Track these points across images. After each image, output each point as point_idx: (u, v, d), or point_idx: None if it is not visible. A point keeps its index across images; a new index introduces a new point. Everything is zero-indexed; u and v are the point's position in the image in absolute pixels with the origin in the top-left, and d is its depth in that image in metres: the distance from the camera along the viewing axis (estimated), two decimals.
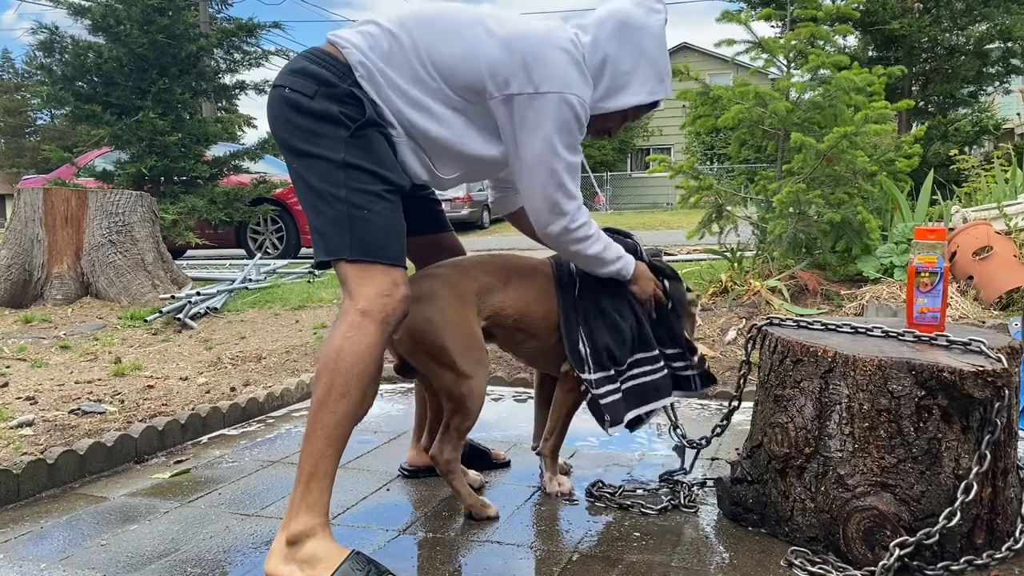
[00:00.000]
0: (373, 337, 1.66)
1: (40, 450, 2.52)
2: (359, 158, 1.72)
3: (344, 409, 1.65)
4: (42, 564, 1.79)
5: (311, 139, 1.73)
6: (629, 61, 1.91)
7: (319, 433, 1.65)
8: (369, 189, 1.72)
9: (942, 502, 1.65)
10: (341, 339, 1.66)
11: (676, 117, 26.77)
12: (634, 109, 1.97)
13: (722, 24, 4.90)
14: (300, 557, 1.62)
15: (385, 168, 1.76)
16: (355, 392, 1.66)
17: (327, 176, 1.71)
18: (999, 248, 4.09)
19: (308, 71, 1.75)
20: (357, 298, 1.68)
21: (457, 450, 1.97)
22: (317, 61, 1.77)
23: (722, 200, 4.83)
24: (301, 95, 1.73)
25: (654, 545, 1.85)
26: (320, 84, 1.73)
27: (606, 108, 1.94)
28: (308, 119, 1.73)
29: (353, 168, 1.71)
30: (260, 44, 9.60)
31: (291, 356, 4.04)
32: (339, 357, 1.65)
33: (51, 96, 8.26)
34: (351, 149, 1.72)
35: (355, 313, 1.67)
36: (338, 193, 1.70)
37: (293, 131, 1.74)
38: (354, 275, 1.69)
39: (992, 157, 7.08)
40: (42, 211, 5.80)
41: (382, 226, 1.73)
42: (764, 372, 1.94)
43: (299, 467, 1.66)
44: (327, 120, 1.72)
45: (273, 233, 9.37)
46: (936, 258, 1.82)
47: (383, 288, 1.69)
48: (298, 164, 1.75)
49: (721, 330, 3.96)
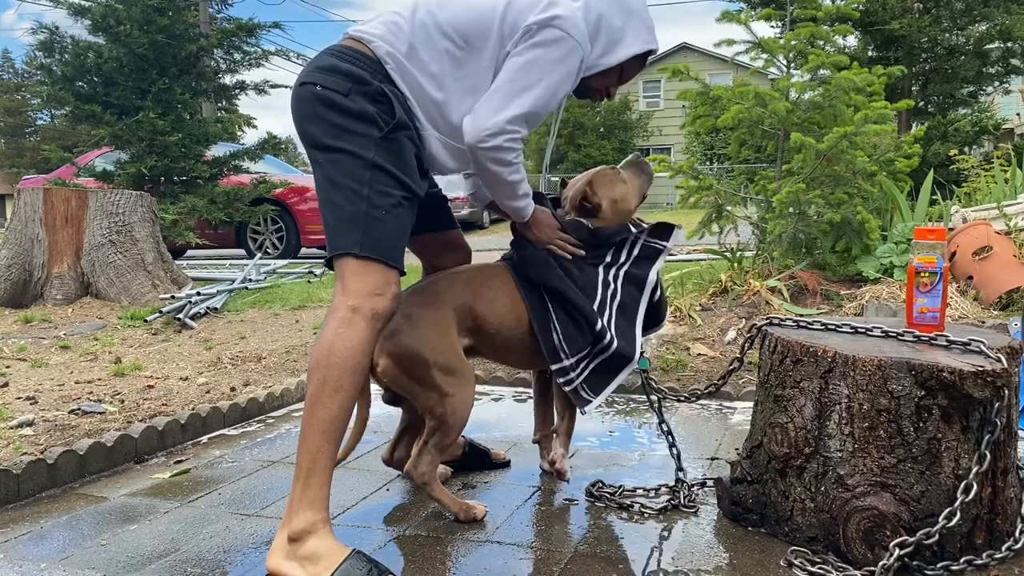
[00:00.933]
0: (363, 333, 1.70)
1: (40, 450, 2.52)
2: (388, 161, 1.76)
3: (338, 404, 1.68)
4: (42, 564, 1.79)
5: (342, 135, 1.75)
6: (620, 17, 2.00)
7: (315, 429, 1.67)
8: (391, 193, 1.76)
9: (942, 502, 1.65)
10: (332, 335, 1.69)
11: (676, 117, 26.77)
12: (630, 63, 2.04)
13: (722, 24, 4.90)
14: (302, 554, 1.62)
15: (408, 176, 1.80)
16: (348, 387, 1.68)
17: (352, 173, 1.74)
18: (999, 248, 4.09)
19: (340, 69, 1.78)
20: (349, 293, 1.71)
21: (434, 464, 1.96)
22: (347, 58, 1.80)
23: (722, 200, 4.84)
24: (335, 92, 1.76)
25: (654, 545, 1.85)
26: (354, 82, 1.76)
27: (607, 63, 2.00)
28: (342, 116, 1.75)
29: (380, 170, 1.75)
30: (260, 44, 9.62)
31: (291, 356, 4.04)
32: (331, 353, 1.67)
33: (51, 96, 8.25)
34: (381, 151, 1.75)
35: (345, 309, 1.70)
36: (360, 191, 1.73)
37: (324, 126, 1.77)
38: (352, 270, 1.72)
39: (992, 157, 7.08)
40: (42, 211, 5.80)
41: (394, 228, 1.76)
42: (764, 372, 1.94)
43: (297, 464, 1.68)
44: (362, 119, 1.75)
45: (273, 233, 9.37)
46: (936, 258, 1.82)
47: (376, 286, 1.72)
48: (324, 157, 1.77)
49: (721, 330, 3.96)
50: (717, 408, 3.07)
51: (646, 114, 30.94)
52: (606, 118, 30.40)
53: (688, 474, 2.28)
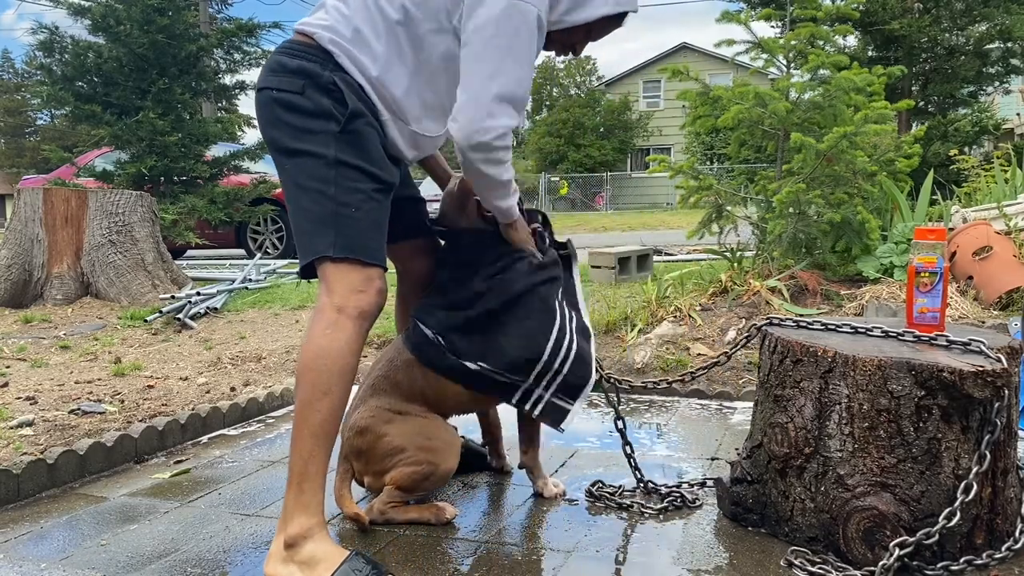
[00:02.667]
0: (350, 334, 1.68)
1: (40, 450, 2.52)
2: (350, 155, 1.71)
3: (328, 407, 1.66)
4: (42, 564, 1.79)
5: (302, 136, 1.71)
6: None
7: (306, 433, 1.66)
8: (359, 188, 1.71)
9: (942, 502, 1.65)
10: (319, 337, 1.67)
11: (676, 117, 26.78)
12: (599, 23, 1.89)
13: (722, 24, 4.90)
14: (299, 559, 1.61)
15: (375, 166, 1.74)
16: (337, 389, 1.67)
17: (316, 173, 1.70)
18: (999, 248, 4.09)
19: (289, 67, 1.74)
20: (332, 294, 1.69)
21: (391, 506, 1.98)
22: (295, 54, 1.75)
23: (722, 200, 4.83)
24: (290, 93, 1.72)
25: (654, 545, 1.85)
26: (305, 77, 1.72)
27: (572, 21, 1.85)
28: (299, 116, 1.71)
29: (344, 165, 1.70)
30: (260, 44, 9.60)
31: (291, 356, 4.04)
32: (319, 356, 1.66)
33: (51, 96, 8.26)
34: (341, 145, 1.71)
35: (331, 310, 1.68)
36: (327, 190, 1.69)
37: (285, 130, 1.73)
38: (331, 271, 1.70)
39: (992, 157, 7.07)
40: (42, 211, 5.80)
41: (367, 225, 1.72)
42: (764, 372, 1.94)
43: (289, 469, 1.67)
44: (319, 115, 1.71)
45: (273, 233, 9.37)
46: (936, 258, 1.82)
47: (357, 284, 1.69)
48: (289, 163, 1.74)
49: (721, 330, 3.96)
50: (717, 408, 3.07)
51: (646, 114, 30.93)
52: (606, 118, 30.38)
53: (688, 474, 2.28)
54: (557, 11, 1.83)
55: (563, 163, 29.63)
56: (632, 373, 3.53)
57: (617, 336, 4.02)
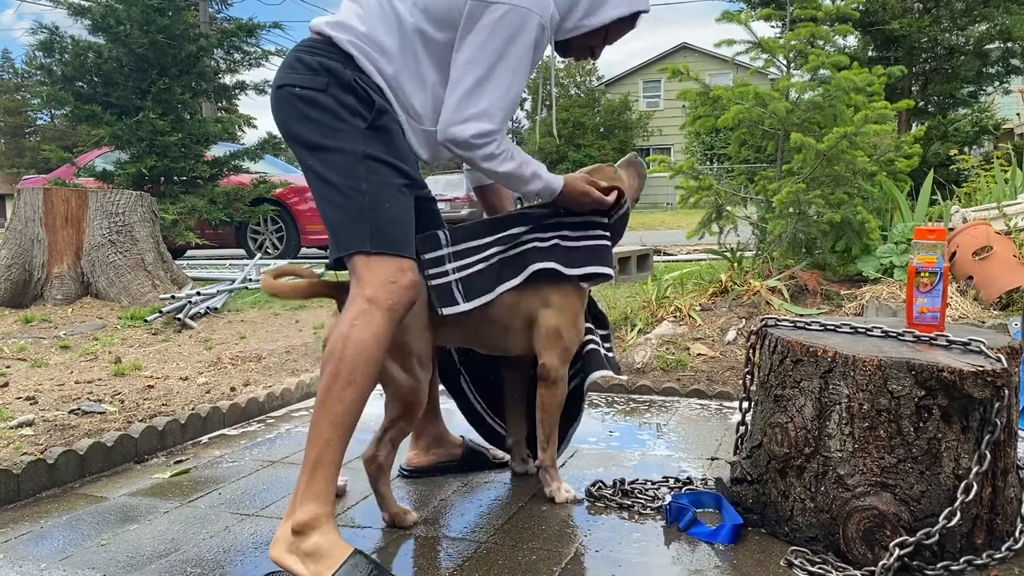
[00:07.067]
0: (379, 325, 1.67)
1: (40, 450, 2.52)
2: (379, 150, 1.73)
3: (350, 397, 1.66)
4: (42, 564, 1.79)
5: (329, 132, 1.73)
6: None
7: (325, 421, 1.66)
8: (389, 182, 1.73)
9: (942, 502, 1.65)
10: (348, 327, 1.67)
11: (676, 117, 26.77)
12: (615, 25, 1.94)
13: (722, 24, 4.91)
14: (304, 549, 1.62)
15: (403, 161, 1.77)
16: (361, 380, 1.67)
17: (346, 169, 1.71)
18: (999, 248, 4.09)
19: (312, 65, 1.75)
20: (364, 285, 1.69)
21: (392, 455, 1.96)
22: (315, 51, 1.77)
23: (722, 200, 4.84)
24: (314, 91, 1.73)
25: (654, 545, 1.85)
26: (328, 75, 1.74)
27: (590, 25, 1.91)
28: (325, 113, 1.73)
29: (373, 160, 1.72)
30: (260, 44, 9.64)
31: (291, 356, 4.04)
32: (345, 345, 1.66)
33: (51, 96, 8.26)
34: (370, 141, 1.73)
35: (362, 300, 1.68)
36: (358, 186, 1.71)
37: (310, 125, 1.74)
38: (364, 264, 1.70)
39: (992, 157, 7.07)
40: (42, 211, 5.80)
41: (399, 218, 1.74)
42: (764, 372, 1.94)
43: (305, 455, 1.67)
44: (345, 111, 1.72)
45: (273, 233, 9.37)
46: (936, 258, 1.82)
47: (390, 275, 1.69)
48: (313, 159, 1.75)
49: (721, 330, 3.96)
50: (717, 408, 3.07)
51: (646, 114, 30.93)
52: (606, 118, 30.39)
53: (688, 474, 2.28)
54: (574, 18, 1.89)
55: (563, 163, 29.63)
56: (632, 373, 3.53)
57: (617, 336, 4.02)
